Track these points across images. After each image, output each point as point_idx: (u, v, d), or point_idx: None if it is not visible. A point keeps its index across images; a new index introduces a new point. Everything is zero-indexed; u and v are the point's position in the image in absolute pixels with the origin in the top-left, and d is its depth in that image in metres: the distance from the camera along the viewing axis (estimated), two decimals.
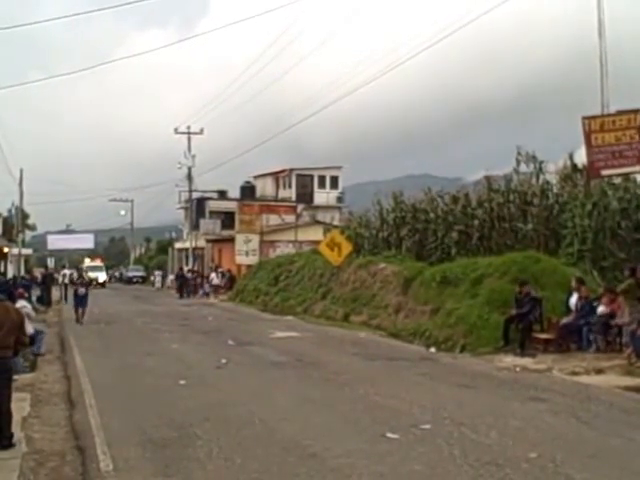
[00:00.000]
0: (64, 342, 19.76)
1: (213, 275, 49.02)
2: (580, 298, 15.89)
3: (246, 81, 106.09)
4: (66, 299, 38.90)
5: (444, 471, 7.21)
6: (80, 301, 25.76)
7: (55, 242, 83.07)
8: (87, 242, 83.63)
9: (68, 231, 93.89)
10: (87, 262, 69.04)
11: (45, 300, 33.59)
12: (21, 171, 55.59)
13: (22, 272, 47.16)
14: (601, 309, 15.29)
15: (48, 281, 36.55)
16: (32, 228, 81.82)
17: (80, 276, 28.17)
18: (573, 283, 16.34)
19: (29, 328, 16.02)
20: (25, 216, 68.18)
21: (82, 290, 26.20)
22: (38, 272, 42.54)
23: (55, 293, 38.89)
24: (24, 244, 60.88)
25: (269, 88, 71.83)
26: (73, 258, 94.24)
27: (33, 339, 16.10)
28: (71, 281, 29.06)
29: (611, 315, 15.02)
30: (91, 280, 31.11)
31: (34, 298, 30.67)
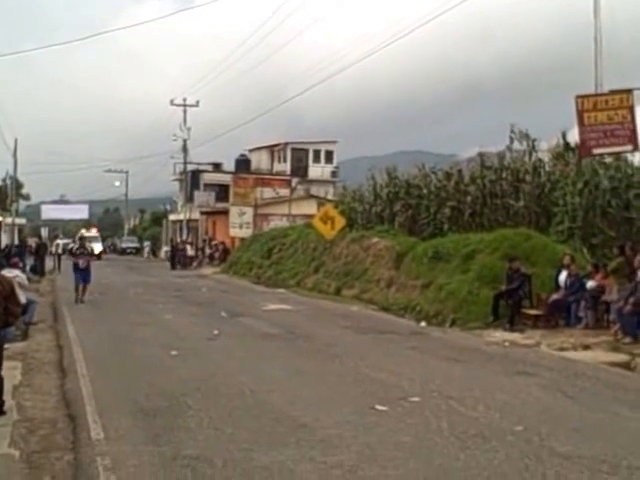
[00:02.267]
0: (57, 311, 19.81)
1: (187, 247, 49.16)
2: (570, 275, 16.03)
3: (243, 54, 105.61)
4: (59, 269, 39.05)
5: (431, 443, 7.29)
6: (81, 276, 22.30)
7: (49, 212, 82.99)
8: (81, 212, 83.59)
9: (62, 201, 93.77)
10: (83, 232, 68.55)
11: (39, 270, 33.64)
12: (15, 141, 55.55)
13: (16, 241, 47.06)
14: (590, 284, 15.41)
15: (42, 251, 36.59)
16: (26, 198, 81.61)
17: (81, 246, 23.67)
18: (566, 260, 16.43)
19: (21, 297, 16.11)
20: (19, 186, 68.05)
21: (83, 263, 22.44)
22: (32, 242, 42.45)
23: (49, 263, 38.97)
24: (18, 214, 60.78)
25: (266, 61, 71.67)
26: (67, 228, 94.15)
27: (25, 308, 16.19)
28: (70, 252, 25.09)
29: (601, 291, 15.16)
30: (93, 251, 26.29)
31: (28, 268, 30.66)
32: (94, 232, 67.43)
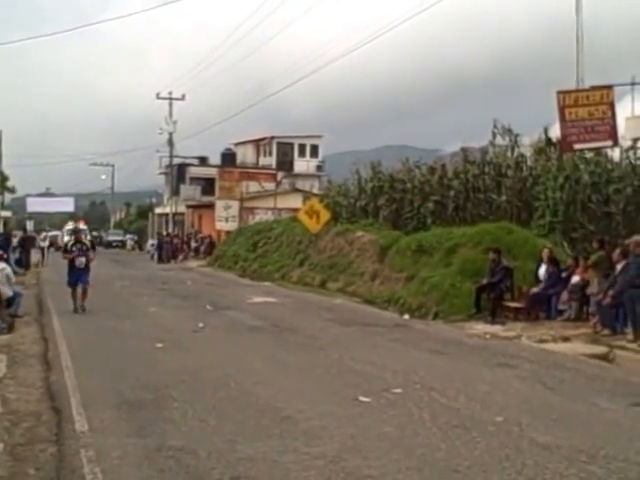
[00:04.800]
0: (42, 304, 19.75)
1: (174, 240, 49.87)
2: (548, 268, 16.21)
3: (229, 47, 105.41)
4: (44, 262, 39.02)
5: (413, 433, 7.38)
6: (78, 277, 17.88)
7: (35, 205, 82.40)
8: (67, 205, 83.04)
9: (48, 194, 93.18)
10: (70, 225, 67.38)
11: (24, 263, 33.49)
12: (0, 132, 55.16)
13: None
14: (575, 278, 15.57)
15: (27, 244, 36.38)
16: (11, 190, 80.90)
17: (77, 240, 18.77)
18: (544, 253, 16.60)
19: (8, 290, 16.13)
20: (4, 178, 67.56)
21: (82, 260, 17.99)
22: (15, 234, 42.11)
23: (34, 256, 38.78)
24: (3, 206, 60.50)
25: (252, 55, 71.71)
26: (53, 221, 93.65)
27: (11, 300, 16.20)
28: (65, 249, 19.16)
29: (585, 284, 15.32)
30: (93, 244, 20.49)
31: (13, 261, 30.47)
32: (81, 225, 66.18)
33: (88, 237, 55.21)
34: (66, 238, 51.00)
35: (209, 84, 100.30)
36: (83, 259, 18.03)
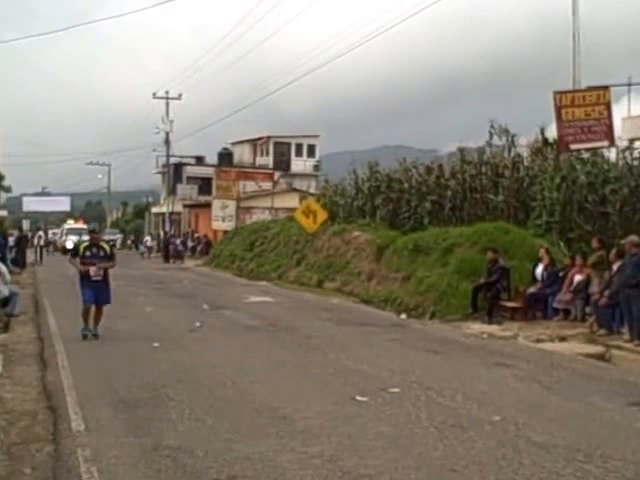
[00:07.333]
0: (38, 304, 19.70)
1: (148, 238, 52.10)
2: (546, 268, 16.22)
3: (226, 47, 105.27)
4: (41, 261, 38.96)
5: (410, 432, 7.38)
6: (97, 294, 13.51)
7: (30, 204, 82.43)
8: (63, 205, 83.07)
9: (44, 193, 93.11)
10: (69, 223, 66.54)
11: (20, 262, 33.44)
12: None
13: None
14: (579, 277, 15.56)
15: (23, 243, 36.34)
16: (7, 190, 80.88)
17: (93, 244, 13.89)
18: (542, 253, 16.61)
19: (4, 289, 16.09)
20: (0, 177, 67.50)
21: (98, 271, 13.50)
22: (10, 234, 42.04)
23: (30, 255, 38.75)
24: None
25: (249, 54, 71.63)
26: (50, 220, 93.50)
27: (7, 300, 16.16)
28: (74, 253, 14.08)
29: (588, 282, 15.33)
30: (113, 252, 14.37)
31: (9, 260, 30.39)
32: (81, 224, 64.36)
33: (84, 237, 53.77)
34: (64, 237, 50.51)
35: (206, 83, 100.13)
36: (100, 269, 13.63)
